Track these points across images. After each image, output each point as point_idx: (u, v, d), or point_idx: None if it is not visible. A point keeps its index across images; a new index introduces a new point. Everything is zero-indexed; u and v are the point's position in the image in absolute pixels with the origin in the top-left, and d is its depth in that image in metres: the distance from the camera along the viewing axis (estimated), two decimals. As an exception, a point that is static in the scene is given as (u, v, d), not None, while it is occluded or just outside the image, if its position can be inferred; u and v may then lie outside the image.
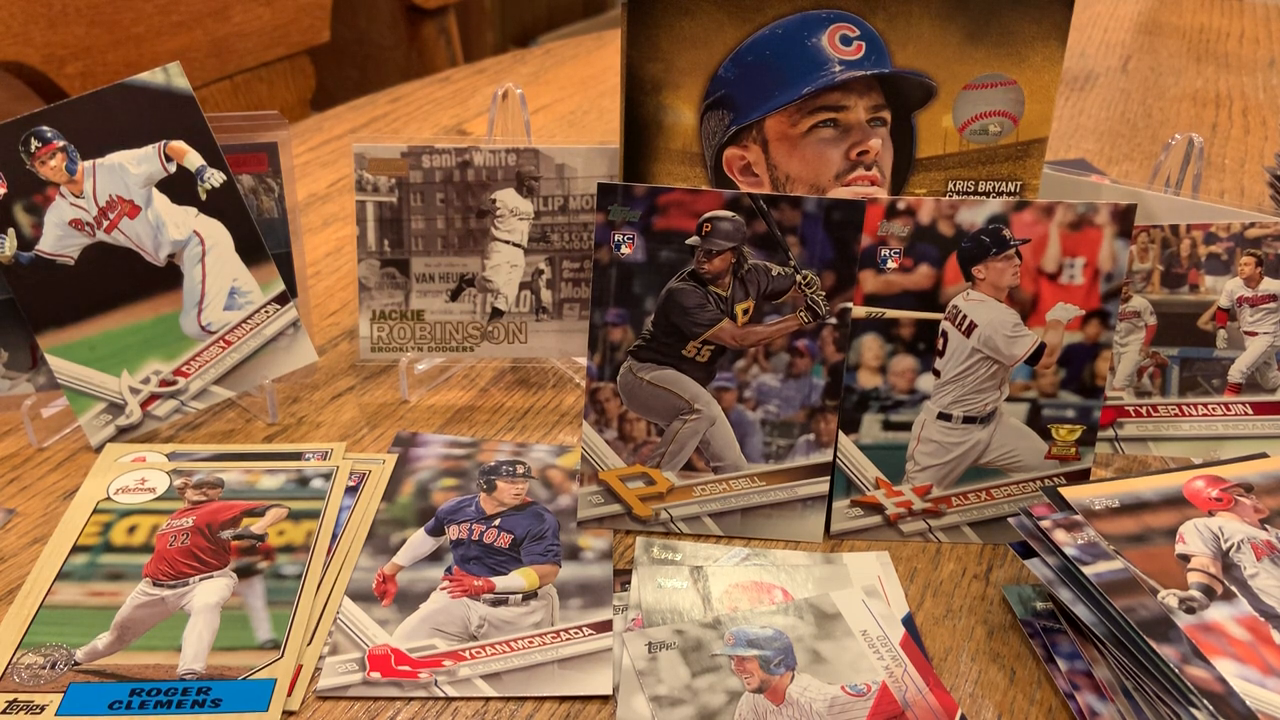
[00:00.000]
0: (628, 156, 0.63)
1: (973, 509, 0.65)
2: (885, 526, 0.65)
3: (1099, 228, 0.61)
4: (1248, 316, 0.68)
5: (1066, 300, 0.62)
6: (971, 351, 0.63)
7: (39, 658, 0.56)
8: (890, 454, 0.65)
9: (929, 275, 0.62)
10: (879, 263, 0.62)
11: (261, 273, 0.74)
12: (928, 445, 0.64)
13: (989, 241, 0.61)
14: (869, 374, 0.64)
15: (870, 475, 0.65)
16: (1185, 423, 0.70)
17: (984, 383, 0.63)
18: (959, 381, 0.63)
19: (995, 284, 0.62)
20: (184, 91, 0.72)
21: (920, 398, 0.64)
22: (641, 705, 0.54)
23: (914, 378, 0.63)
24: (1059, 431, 0.64)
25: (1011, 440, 0.64)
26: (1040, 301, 0.63)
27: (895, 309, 0.63)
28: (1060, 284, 0.62)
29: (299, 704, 0.55)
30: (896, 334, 0.63)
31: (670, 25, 0.60)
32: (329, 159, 1.15)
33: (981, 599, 0.62)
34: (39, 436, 0.74)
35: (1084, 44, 1.55)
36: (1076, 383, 0.64)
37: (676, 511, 0.66)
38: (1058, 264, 0.62)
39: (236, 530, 0.65)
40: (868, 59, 0.60)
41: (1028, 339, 0.63)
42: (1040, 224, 0.61)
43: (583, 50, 1.48)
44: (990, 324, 0.62)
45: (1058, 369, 0.63)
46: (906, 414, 0.64)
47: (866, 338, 0.63)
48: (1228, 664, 0.51)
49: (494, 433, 0.76)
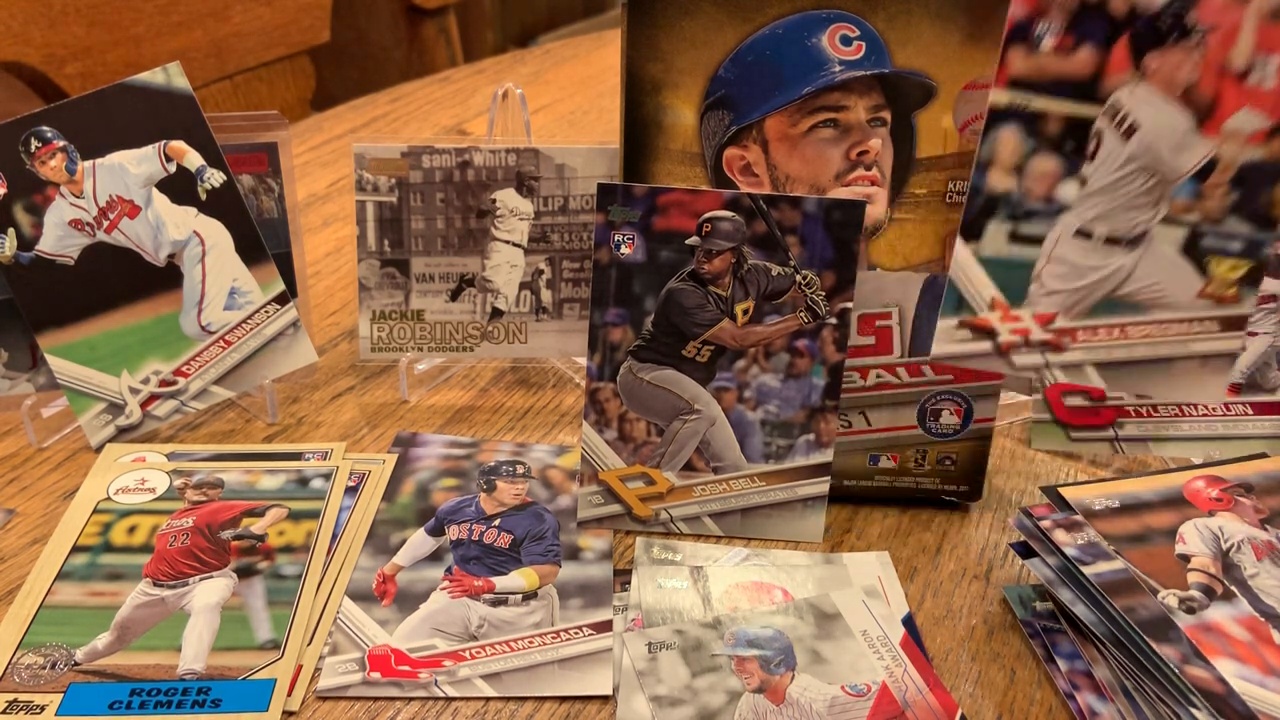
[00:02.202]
0: (628, 156, 0.63)
1: (1101, 347, 0.57)
2: (995, 355, 0.58)
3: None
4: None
5: (1253, 106, 0.52)
6: (1128, 159, 0.54)
7: (39, 658, 0.56)
8: (1013, 271, 0.56)
9: (1091, 60, 0.53)
10: (1034, 39, 0.53)
11: (261, 273, 0.74)
12: (1059, 266, 0.56)
13: (1168, 25, 0.52)
14: (1001, 174, 0.55)
15: (986, 294, 0.57)
16: (1185, 423, 0.70)
17: (1138, 198, 0.55)
18: (1108, 193, 0.54)
19: (1170, 78, 0.53)
20: (184, 91, 0.72)
21: (1058, 208, 0.55)
22: (641, 705, 0.54)
23: (1055, 183, 0.55)
24: (1219, 266, 0.55)
25: (1160, 271, 0.55)
26: (1220, 105, 0.53)
27: (1045, 97, 0.54)
28: (1248, 86, 0.52)
29: (299, 704, 0.55)
30: (1041, 129, 0.54)
31: (670, 25, 0.60)
32: (329, 159, 1.15)
33: (981, 599, 0.62)
34: (39, 436, 0.74)
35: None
36: (1249, 209, 0.54)
37: (676, 511, 0.66)
38: (1248, 61, 0.52)
39: (236, 530, 0.65)
40: (868, 59, 0.60)
41: (1198, 150, 0.53)
42: (1235, 9, 0.51)
43: (583, 50, 1.48)
44: (1156, 127, 0.53)
45: (1229, 189, 0.54)
46: (1039, 225, 0.55)
47: (1004, 130, 0.54)
48: (1228, 664, 0.51)
49: (494, 433, 0.76)
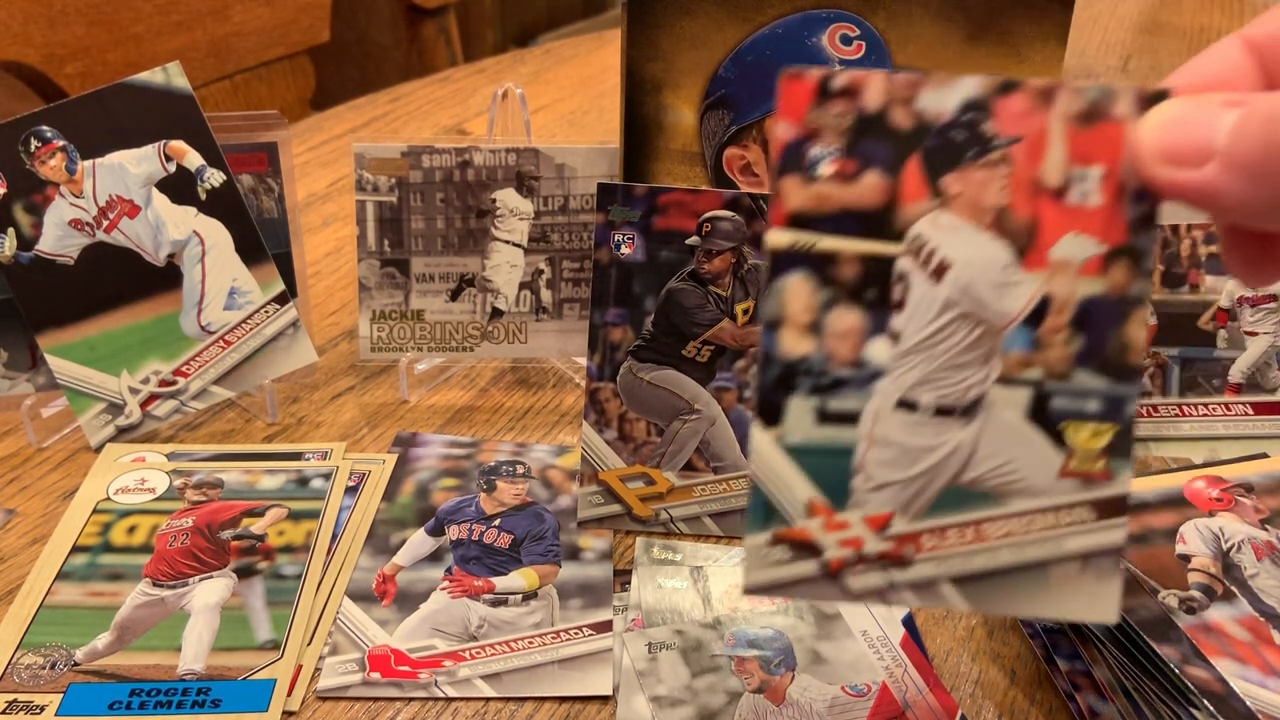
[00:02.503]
0: (628, 156, 0.63)
1: (955, 555, 0.43)
2: (824, 579, 0.43)
3: (1119, 122, 0.40)
4: (1248, 316, 0.68)
5: (1080, 230, 0.42)
6: (945, 305, 0.43)
7: (39, 658, 0.56)
8: (830, 462, 0.43)
9: (880, 187, 0.42)
10: (808, 166, 0.42)
11: (261, 273, 0.74)
12: (885, 450, 0.44)
13: (964, 139, 0.42)
14: (795, 335, 0.43)
15: (800, 496, 0.43)
16: (1185, 423, 0.70)
17: (963, 353, 0.43)
18: (927, 350, 0.43)
19: (975, 202, 0.42)
20: (184, 91, 0.72)
21: (871, 374, 0.43)
22: (641, 706, 0.54)
23: (861, 343, 0.43)
24: (1077, 434, 0.43)
25: (1008, 446, 0.44)
26: (1041, 231, 0.42)
27: (833, 235, 0.43)
28: (1069, 205, 0.42)
29: (299, 704, 0.55)
30: (834, 275, 0.43)
31: (670, 25, 0.60)
32: (329, 159, 1.15)
33: (982, 599, 0.62)
34: (39, 436, 0.74)
35: (1084, 43, 1.55)
36: (1099, 357, 0.43)
37: (676, 512, 0.66)
38: (1064, 175, 0.42)
39: (236, 530, 0.64)
40: (868, 59, 0.60)
41: (1024, 287, 0.42)
42: (1036, 115, 0.41)
43: (583, 50, 1.48)
44: (970, 264, 0.42)
45: (1070, 335, 0.43)
46: (852, 398, 0.43)
47: (791, 280, 0.42)
48: (1228, 664, 0.51)
49: (494, 433, 0.75)
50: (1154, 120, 0.39)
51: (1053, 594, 0.44)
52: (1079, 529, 0.44)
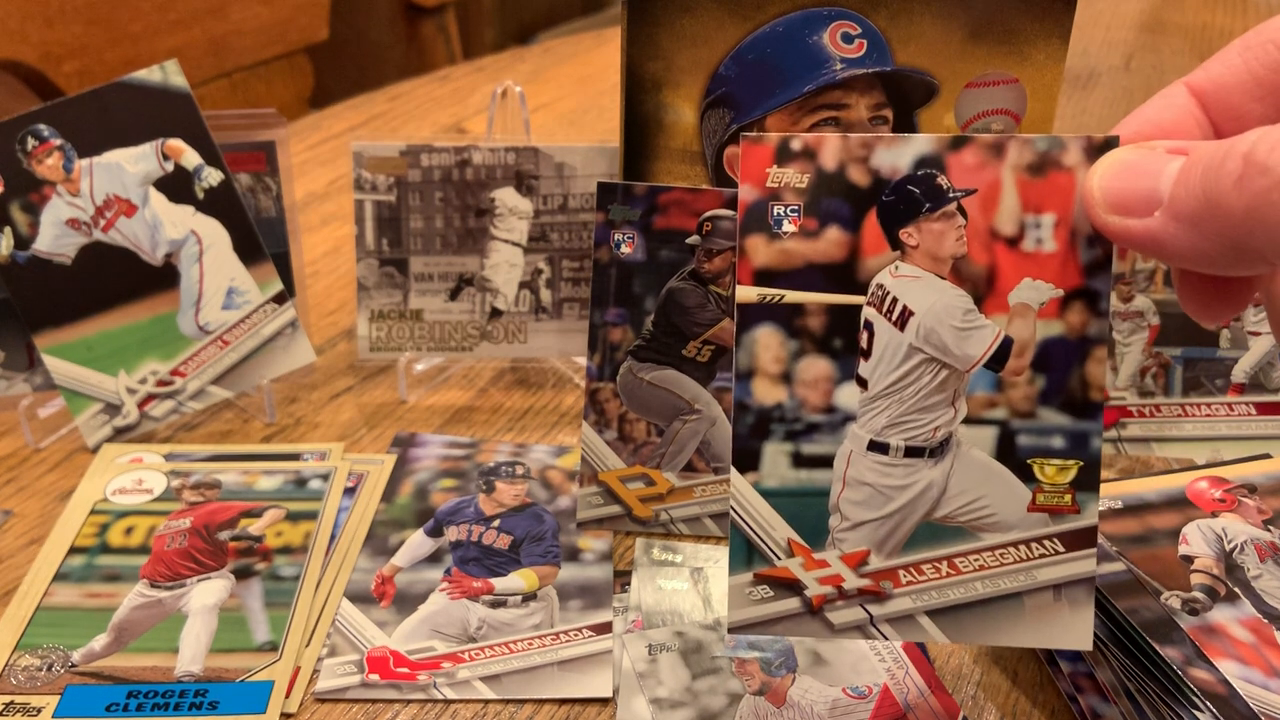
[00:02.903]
0: (628, 155, 0.63)
1: (931, 588, 0.46)
2: (806, 615, 0.47)
3: (1070, 171, 0.43)
4: (1251, 316, 0.68)
5: (1035, 275, 0.44)
6: (909, 351, 0.46)
7: (36, 659, 0.56)
8: (807, 503, 0.46)
9: (841, 242, 0.45)
10: (772, 224, 0.45)
11: (259, 272, 0.73)
12: (858, 490, 0.46)
13: (919, 193, 0.44)
14: (767, 384, 0.46)
15: (780, 536, 0.46)
16: (1188, 423, 0.69)
17: (929, 396, 0.46)
18: (895, 395, 0.46)
19: (933, 253, 0.45)
20: (181, 90, 0.71)
21: (842, 418, 0.46)
22: (642, 707, 0.54)
23: (831, 389, 0.46)
24: (1044, 470, 0.46)
25: (977, 484, 0.46)
26: (999, 277, 0.45)
27: (798, 289, 0.46)
28: (1024, 252, 0.44)
29: (297, 706, 0.54)
30: (802, 326, 0.46)
31: (670, 23, 0.60)
32: (327, 157, 1.15)
33: (983, 600, 0.62)
34: (36, 437, 0.73)
35: (1086, 42, 1.55)
36: (1062, 395, 0.45)
37: (677, 512, 0.66)
38: (1018, 224, 0.44)
39: (234, 531, 0.64)
40: (869, 57, 0.60)
41: (985, 331, 0.45)
42: (988, 168, 0.44)
43: (582, 48, 1.48)
44: (931, 311, 0.45)
45: (1033, 376, 0.45)
46: (825, 443, 0.46)
47: (761, 332, 0.46)
48: (1231, 666, 0.50)
49: (493, 433, 0.75)
50: (1102, 169, 0.41)
51: (1028, 623, 0.46)
52: (1050, 560, 0.46)
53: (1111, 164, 0.40)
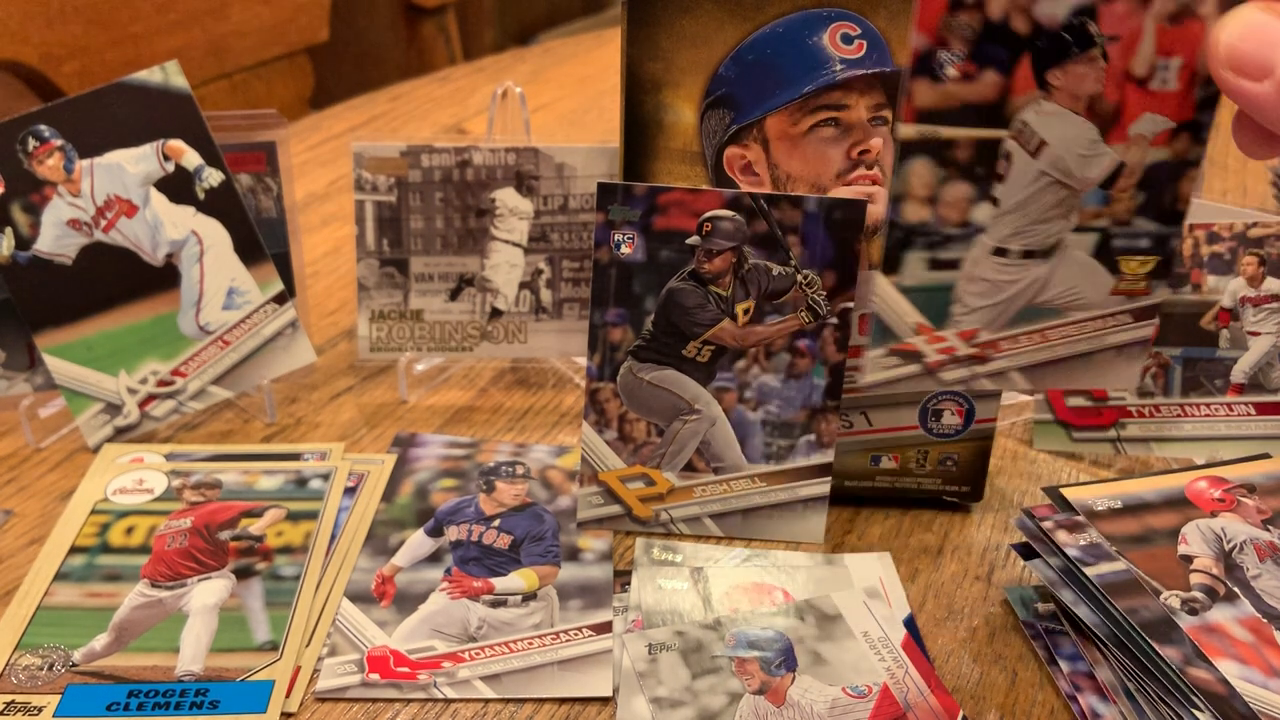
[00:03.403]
0: (628, 156, 0.63)
1: (1023, 353, 0.58)
2: (924, 375, 0.59)
3: (1202, 20, 0.50)
4: (1250, 316, 0.68)
5: (1156, 110, 0.52)
6: (1038, 175, 0.54)
7: (36, 659, 0.56)
8: (935, 295, 0.57)
9: (996, 84, 0.52)
10: (936, 69, 0.52)
11: (260, 272, 0.74)
12: (978, 284, 0.56)
13: (1071, 39, 0.51)
14: (916, 205, 0.55)
15: (910, 320, 0.57)
16: (1188, 423, 0.69)
17: (1049, 211, 0.55)
18: (1020, 210, 0.55)
19: (1074, 92, 0.52)
20: (182, 90, 0.71)
21: (974, 230, 0.55)
22: (642, 707, 0.54)
23: (968, 208, 0.55)
24: (1128, 264, 0.56)
25: (1074, 276, 0.56)
26: (1124, 111, 0.52)
27: (953, 126, 0.53)
28: (1150, 90, 0.52)
29: (297, 705, 0.55)
30: (951, 157, 0.54)
31: (670, 24, 0.60)
32: (328, 158, 1.15)
33: (983, 600, 0.62)
34: (36, 437, 0.73)
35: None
36: (1156, 207, 0.54)
37: (677, 512, 0.66)
38: (1149, 66, 0.51)
39: (235, 531, 0.64)
40: (869, 58, 0.60)
41: (1105, 158, 0.53)
42: (1134, 17, 0.50)
43: (582, 49, 1.48)
44: (1063, 141, 0.53)
45: (1135, 192, 0.54)
46: (956, 250, 0.56)
47: (915, 163, 0.54)
48: (1230, 665, 0.50)
49: (493, 433, 0.75)
50: (1230, 27, 0.46)
51: (1092, 373, 0.58)
52: (1118, 329, 0.58)
53: (1237, 24, 0.46)
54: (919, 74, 0.52)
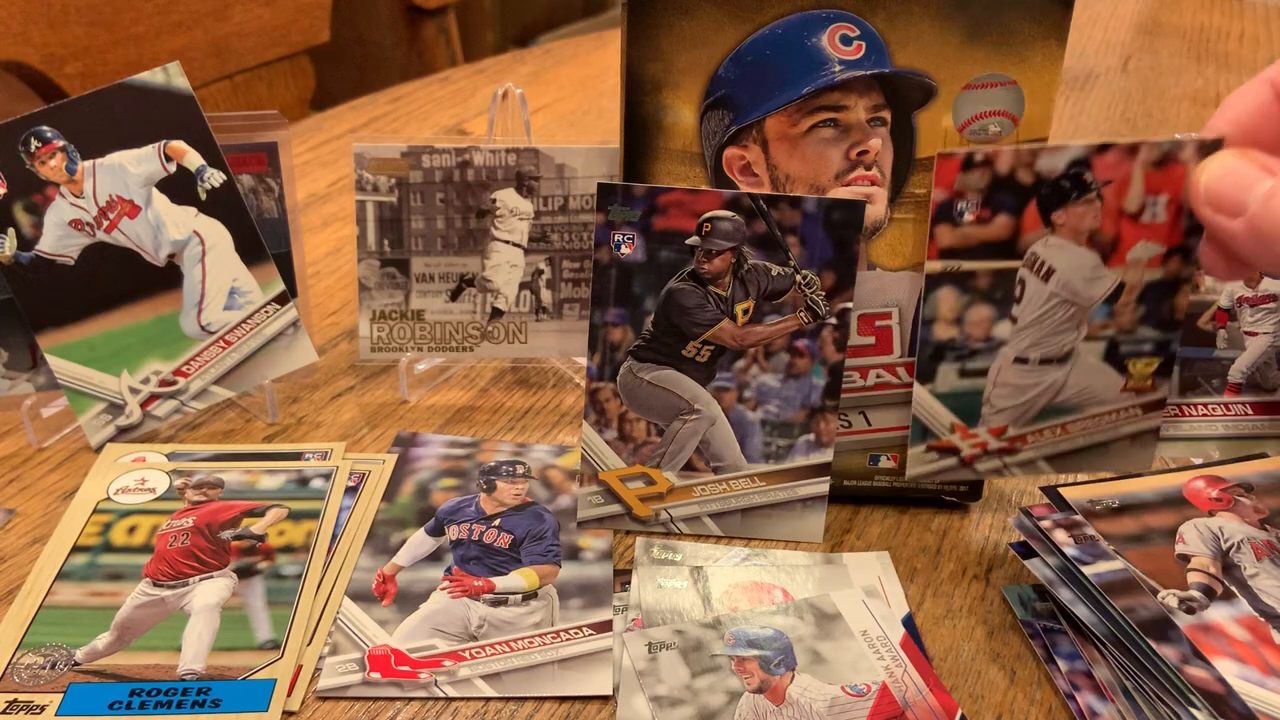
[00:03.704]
0: (627, 156, 0.63)
1: (1047, 445, 0.64)
2: (961, 467, 0.65)
3: (1184, 163, 0.58)
4: (1248, 316, 0.68)
5: (1148, 239, 0.60)
6: (1049, 296, 0.61)
7: (39, 658, 0.56)
8: (966, 400, 0.64)
9: (1007, 225, 0.60)
10: (955, 216, 0.60)
11: (261, 272, 0.74)
12: (1004, 388, 0.63)
13: (1069, 186, 0.59)
14: (945, 326, 0.62)
15: (946, 421, 0.64)
16: (1185, 423, 0.70)
17: (1061, 325, 0.62)
18: (1036, 326, 0.62)
19: (1076, 228, 0.60)
20: (184, 91, 0.72)
21: (997, 344, 0.62)
22: (641, 705, 0.54)
23: (990, 326, 0.62)
24: (1135, 365, 0.63)
25: (1087, 377, 0.63)
26: (1121, 242, 0.60)
27: (972, 260, 0.61)
28: (1142, 223, 0.60)
29: (299, 704, 0.55)
30: (973, 285, 0.61)
31: (670, 25, 0.60)
32: (329, 159, 1.15)
33: (981, 599, 0.62)
34: (39, 436, 0.74)
35: (1084, 44, 1.55)
36: (1155, 318, 0.62)
37: (676, 512, 0.66)
38: (1140, 203, 0.59)
39: (236, 530, 0.65)
40: (868, 59, 0.60)
41: (1107, 279, 0.61)
42: (1124, 164, 0.59)
43: (582, 50, 1.48)
44: (1069, 267, 0.61)
45: (1137, 306, 0.62)
46: (982, 361, 0.63)
47: (942, 291, 0.61)
48: (1228, 664, 0.51)
49: (494, 433, 0.76)
50: (1209, 170, 0.54)
51: (1110, 460, 0.65)
52: (1131, 420, 0.65)
53: (1216, 166, 0.53)
54: (940, 220, 0.60)
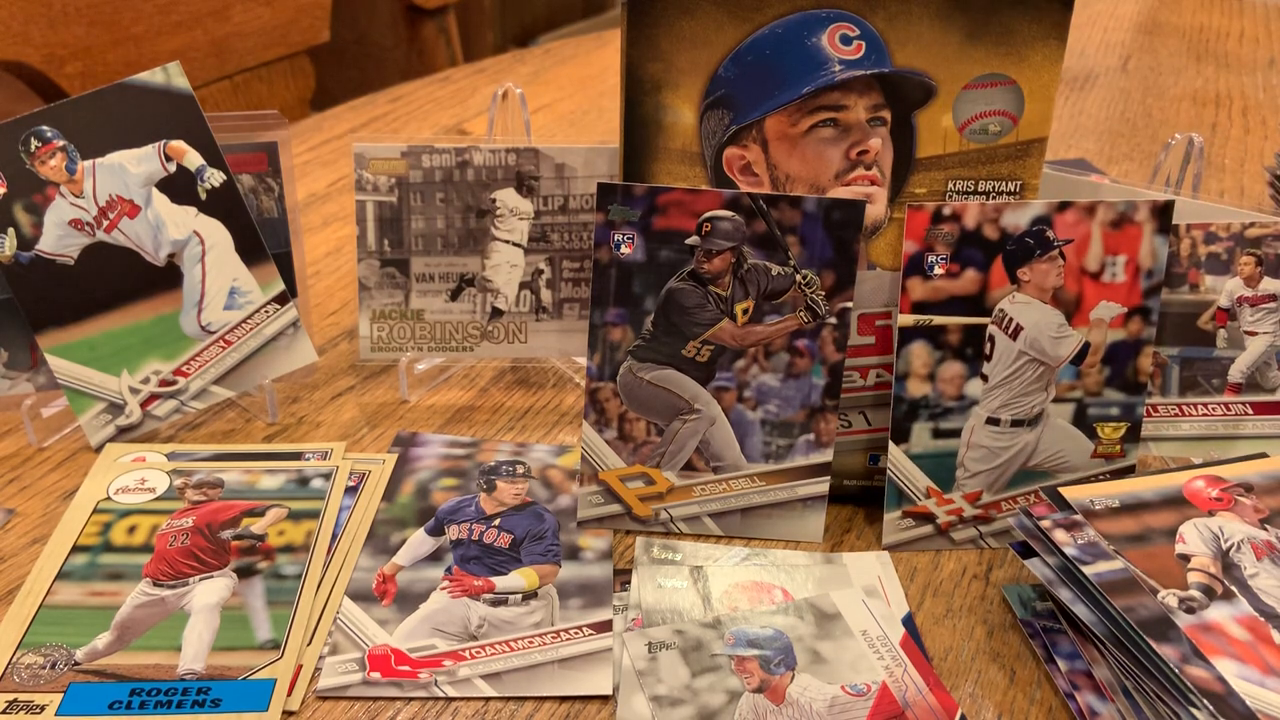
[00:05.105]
0: (627, 156, 0.63)
1: None
2: (937, 535, 0.65)
3: (1139, 225, 0.62)
4: (1248, 316, 0.68)
5: (1109, 298, 0.63)
6: (1018, 354, 0.64)
7: (39, 658, 0.56)
8: (940, 461, 0.65)
9: (975, 280, 0.63)
10: (926, 269, 0.62)
11: (261, 272, 0.74)
12: (977, 451, 0.65)
13: (1033, 243, 0.62)
14: (918, 382, 0.64)
15: (921, 485, 0.65)
16: (1185, 422, 0.70)
17: (1031, 385, 0.64)
18: (1006, 385, 0.64)
19: (1040, 285, 0.63)
20: (184, 91, 0.72)
21: (969, 403, 0.64)
22: (641, 705, 0.54)
23: (962, 384, 0.64)
24: (1104, 430, 0.65)
25: (1058, 441, 0.65)
26: (1084, 301, 0.63)
27: (943, 315, 0.63)
28: (1102, 282, 0.63)
29: (299, 704, 0.55)
30: (944, 340, 0.63)
31: (670, 25, 0.60)
32: (329, 159, 1.15)
33: (981, 599, 0.62)
34: (39, 436, 0.74)
35: (1084, 43, 1.55)
36: (1120, 380, 0.65)
37: (676, 511, 0.66)
38: (1100, 263, 0.63)
39: (236, 530, 0.65)
40: (867, 58, 0.60)
41: (1072, 339, 0.64)
42: (1083, 224, 0.62)
43: (582, 50, 1.48)
44: (1036, 325, 0.63)
45: (1102, 367, 0.64)
46: (955, 421, 0.64)
47: (915, 346, 0.63)
48: (1228, 664, 0.51)
49: (494, 433, 0.76)
50: None
51: None
52: None
53: None
54: (911, 273, 0.63)
